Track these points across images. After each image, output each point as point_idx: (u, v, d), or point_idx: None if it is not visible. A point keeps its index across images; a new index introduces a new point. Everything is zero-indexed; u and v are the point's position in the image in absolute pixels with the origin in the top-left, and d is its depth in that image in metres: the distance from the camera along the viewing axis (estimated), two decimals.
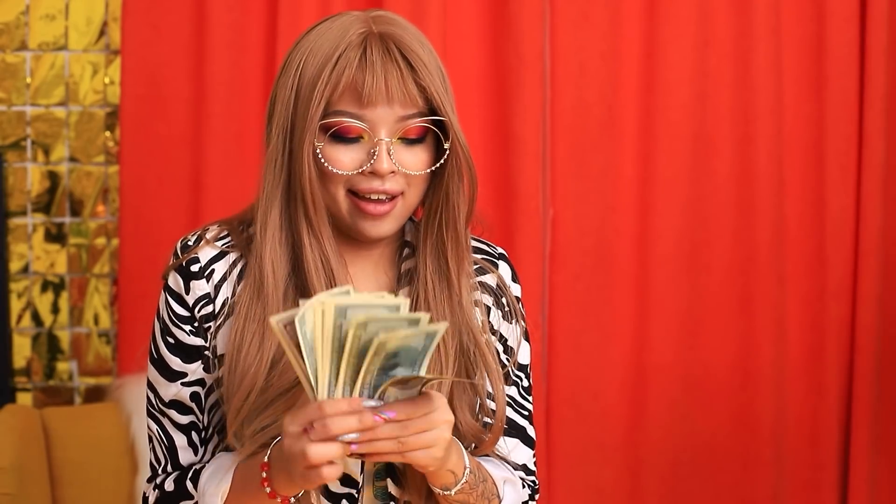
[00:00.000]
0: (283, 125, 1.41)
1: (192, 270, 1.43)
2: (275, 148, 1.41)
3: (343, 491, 1.43)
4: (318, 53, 1.39)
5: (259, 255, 1.41)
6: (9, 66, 2.88)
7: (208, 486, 1.40)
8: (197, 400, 1.45)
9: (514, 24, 2.70)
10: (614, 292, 2.78)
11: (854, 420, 2.81)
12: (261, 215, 1.42)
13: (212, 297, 1.43)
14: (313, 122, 1.37)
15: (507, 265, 1.58)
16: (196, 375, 1.45)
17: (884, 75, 2.75)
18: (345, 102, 1.38)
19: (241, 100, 2.73)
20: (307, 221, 1.40)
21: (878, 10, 2.74)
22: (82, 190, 2.89)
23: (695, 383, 2.80)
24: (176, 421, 1.46)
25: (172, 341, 1.45)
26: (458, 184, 1.44)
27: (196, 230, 1.48)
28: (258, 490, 1.34)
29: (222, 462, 1.42)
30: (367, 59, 1.36)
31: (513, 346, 1.55)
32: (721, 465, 2.81)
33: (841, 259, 2.82)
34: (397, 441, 1.24)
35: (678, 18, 2.74)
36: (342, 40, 1.38)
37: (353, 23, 1.40)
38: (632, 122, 2.76)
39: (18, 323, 2.91)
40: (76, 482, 2.55)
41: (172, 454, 1.47)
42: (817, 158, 2.81)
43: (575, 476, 2.81)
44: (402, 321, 1.19)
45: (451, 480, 1.36)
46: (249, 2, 2.73)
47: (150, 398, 1.48)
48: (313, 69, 1.38)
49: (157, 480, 1.47)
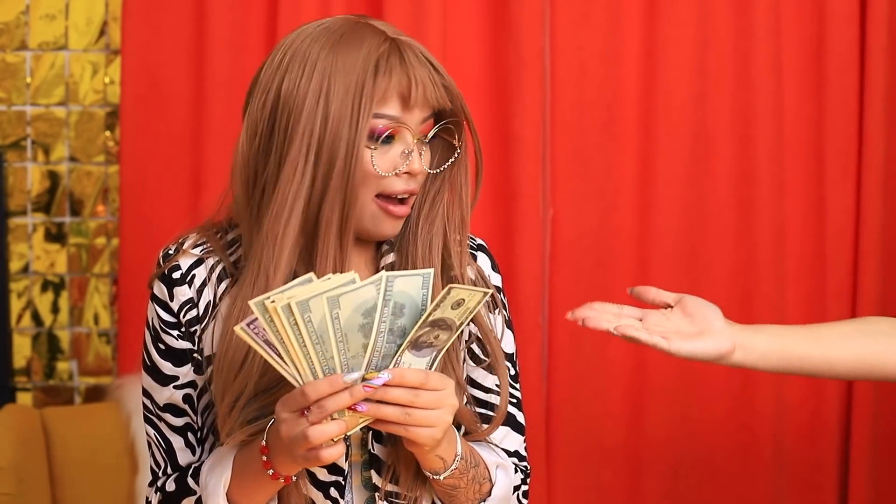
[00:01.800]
0: (310, 136, 1.39)
1: (174, 277, 1.46)
2: (299, 159, 1.39)
3: (331, 479, 1.46)
4: (347, 61, 1.39)
5: (264, 259, 1.40)
6: (9, 66, 2.88)
7: (209, 477, 1.42)
8: (190, 402, 1.48)
9: (514, 24, 2.70)
10: (614, 292, 2.77)
11: (854, 420, 2.81)
12: (273, 222, 1.40)
13: (195, 301, 1.46)
14: (362, 125, 1.38)
15: (485, 256, 1.59)
16: (187, 378, 1.48)
17: (884, 75, 2.75)
18: (389, 106, 1.40)
19: (240, 100, 2.68)
20: (339, 229, 1.40)
21: (878, 10, 2.74)
22: (82, 190, 2.89)
23: (695, 383, 2.80)
24: (171, 424, 1.49)
25: (163, 347, 1.48)
26: (466, 178, 1.49)
27: (175, 238, 1.51)
28: (259, 473, 1.37)
29: (221, 454, 1.44)
30: (408, 63, 1.40)
31: (497, 336, 1.56)
32: (721, 465, 2.81)
33: (841, 259, 2.81)
34: (404, 411, 1.29)
35: (678, 18, 2.74)
36: (372, 47, 1.40)
37: (368, 29, 1.42)
38: (632, 121, 2.76)
39: (18, 323, 2.91)
40: (76, 482, 2.56)
41: (171, 456, 1.49)
42: (817, 158, 2.81)
43: (575, 476, 2.81)
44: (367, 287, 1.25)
45: (440, 466, 1.40)
46: (249, 2, 2.73)
47: (146, 404, 1.51)
48: (351, 76, 1.38)
49: (157, 483, 1.50)
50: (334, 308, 1.24)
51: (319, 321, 1.24)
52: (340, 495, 1.46)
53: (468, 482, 1.44)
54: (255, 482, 1.39)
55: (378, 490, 1.47)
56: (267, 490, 1.41)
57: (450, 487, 1.43)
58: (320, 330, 1.25)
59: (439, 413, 1.31)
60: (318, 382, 1.26)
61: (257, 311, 1.24)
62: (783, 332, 1.62)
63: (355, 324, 1.26)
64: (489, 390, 1.54)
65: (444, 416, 1.31)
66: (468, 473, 1.44)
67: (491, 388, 1.54)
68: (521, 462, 1.58)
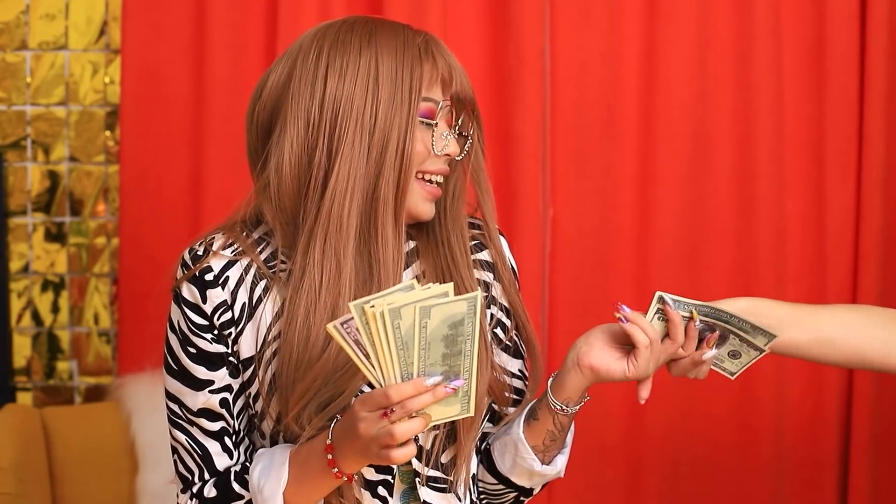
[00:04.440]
0: (363, 119, 1.44)
1: (206, 279, 1.45)
2: (354, 141, 1.44)
3: (378, 478, 1.48)
4: (390, 48, 1.46)
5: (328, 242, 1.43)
6: (9, 66, 2.88)
7: (263, 481, 1.42)
8: (226, 406, 1.48)
9: (514, 24, 2.70)
10: (614, 292, 2.78)
11: (854, 420, 2.81)
12: (335, 219, 1.43)
13: (229, 303, 1.46)
14: (413, 110, 1.45)
15: (502, 239, 1.65)
16: (223, 382, 1.47)
17: (884, 75, 2.75)
18: (434, 90, 1.48)
19: (241, 100, 2.71)
20: (395, 207, 1.45)
21: (878, 10, 2.74)
22: (82, 189, 2.89)
23: (695, 383, 2.79)
24: (206, 429, 1.48)
25: (194, 351, 1.46)
26: (481, 164, 1.59)
27: (199, 239, 1.50)
28: (321, 472, 1.39)
29: (273, 457, 1.44)
30: (444, 52, 1.50)
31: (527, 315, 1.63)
32: (721, 465, 2.81)
33: (841, 259, 2.82)
34: None
35: (678, 18, 2.74)
36: (409, 36, 1.49)
37: (389, 24, 1.51)
38: (632, 121, 2.76)
39: (18, 322, 2.91)
40: (76, 482, 2.56)
41: (207, 462, 1.48)
42: (817, 158, 2.81)
43: (575, 476, 2.80)
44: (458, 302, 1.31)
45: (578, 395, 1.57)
46: (249, 2, 2.73)
47: (174, 409, 1.49)
48: (398, 61, 1.45)
49: (193, 489, 1.49)
50: (424, 318, 1.29)
51: (407, 328, 1.29)
52: (389, 494, 1.48)
53: (560, 431, 1.59)
54: (316, 481, 1.40)
55: (418, 475, 1.49)
56: (325, 489, 1.42)
57: (560, 429, 1.58)
58: (406, 336, 1.29)
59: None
60: (402, 385, 1.30)
61: (355, 312, 1.28)
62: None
63: (440, 334, 1.30)
64: (513, 375, 1.59)
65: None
66: (567, 430, 1.60)
67: (515, 372, 1.59)
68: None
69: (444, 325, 1.30)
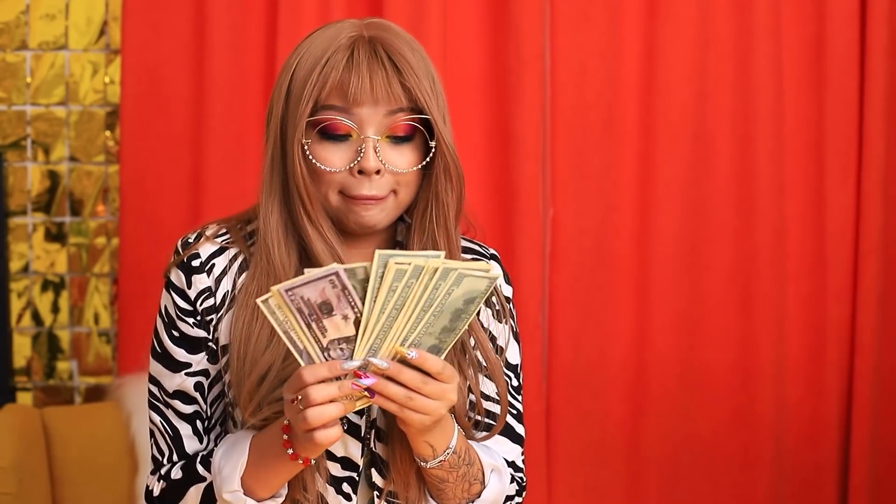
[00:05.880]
0: (276, 125, 1.46)
1: (193, 265, 1.48)
2: (272, 146, 1.46)
3: (344, 475, 1.47)
4: (309, 56, 1.44)
5: (267, 249, 1.45)
6: (9, 66, 2.88)
7: (224, 462, 1.43)
8: (200, 390, 1.49)
9: (514, 24, 2.70)
10: (614, 292, 2.78)
11: (854, 420, 2.81)
12: (263, 211, 1.46)
13: (213, 290, 1.48)
14: (302, 119, 1.41)
15: (498, 266, 1.59)
16: (200, 366, 1.49)
17: (884, 75, 2.75)
18: (332, 101, 1.41)
19: (241, 100, 2.73)
20: (307, 216, 1.44)
21: (878, 10, 2.74)
22: (82, 189, 2.89)
23: (695, 383, 2.80)
24: (180, 411, 1.50)
25: (177, 334, 1.49)
26: (447, 183, 1.47)
27: (196, 229, 1.53)
28: (278, 455, 1.38)
29: (235, 439, 1.45)
30: (354, 60, 1.41)
31: (502, 346, 1.58)
32: (721, 465, 2.81)
33: (841, 259, 2.82)
34: (408, 394, 1.31)
35: (678, 18, 2.75)
36: (332, 43, 1.43)
37: (346, 28, 1.45)
38: (632, 121, 2.77)
39: (18, 322, 2.91)
40: (76, 482, 2.56)
41: (177, 444, 1.50)
42: (817, 158, 2.81)
43: (575, 476, 2.81)
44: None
45: (429, 453, 1.41)
46: (249, 2, 2.73)
47: (153, 391, 1.52)
48: (304, 70, 1.43)
49: (161, 472, 1.50)
50: (454, 286, 1.27)
51: (431, 291, 1.27)
52: (354, 491, 1.47)
53: (458, 478, 1.45)
54: (273, 465, 1.40)
55: (380, 490, 1.47)
56: (283, 474, 1.41)
57: (438, 479, 1.44)
58: (428, 299, 1.27)
59: (438, 404, 1.33)
60: (317, 366, 1.29)
61: (346, 275, 1.26)
62: None
63: (454, 306, 1.29)
64: (488, 398, 1.54)
65: (440, 408, 1.33)
66: (458, 469, 1.44)
67: (491, 395, 1.54)
68: (517, 473, 1.58)
69: (461, 299, 1.29)
